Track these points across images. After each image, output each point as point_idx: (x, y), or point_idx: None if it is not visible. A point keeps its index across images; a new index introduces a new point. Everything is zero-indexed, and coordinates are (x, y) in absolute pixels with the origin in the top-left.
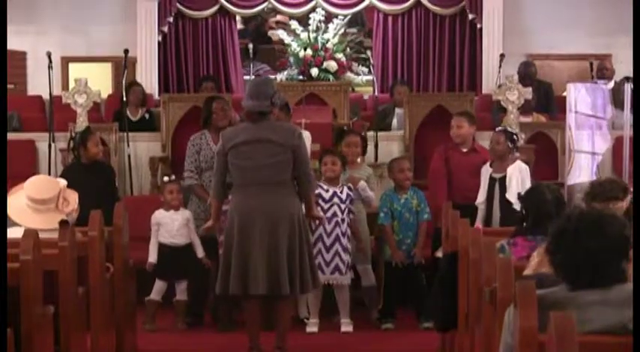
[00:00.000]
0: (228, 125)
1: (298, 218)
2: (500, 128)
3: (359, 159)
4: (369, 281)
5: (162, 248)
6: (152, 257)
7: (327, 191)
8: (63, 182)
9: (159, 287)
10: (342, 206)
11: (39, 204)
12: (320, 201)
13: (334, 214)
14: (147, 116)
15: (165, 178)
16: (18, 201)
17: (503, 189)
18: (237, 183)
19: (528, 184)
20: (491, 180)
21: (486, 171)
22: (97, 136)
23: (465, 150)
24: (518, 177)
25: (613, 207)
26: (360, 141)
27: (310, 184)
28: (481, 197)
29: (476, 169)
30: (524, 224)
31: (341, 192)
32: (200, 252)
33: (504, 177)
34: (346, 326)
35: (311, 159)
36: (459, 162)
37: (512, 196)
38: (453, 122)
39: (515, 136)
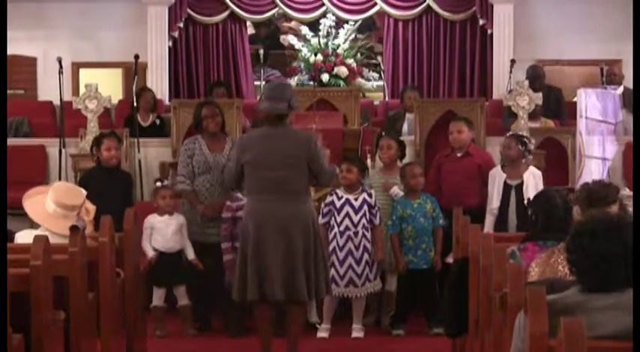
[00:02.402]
0: (219, 130)
1: (312, 223)
2: (511, 132)
3: (399, 163)
4: (391, 287)
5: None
6: (150, 253)
7: (340, 198)
8: (84, 191)
9: (158, 293)
10: (355, 217)
11: (68, 210)
12: (332, 209)
13: (346, 228)
14: (157, 121)
15: (158, 183)
16: (42, 205)
17: (520, 195)
18: (252, 190)
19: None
20: (507, 186)
21: (498, 176)
22: (111, 141)
23: (459, 155)
24: (534, 184)
25: (611, 210)
26: (396, 145)
27: (331, 177)
28: (494, 203)
29: (470, 173)
30: (535, 228)
31: (355, 200)
32: (190, 254)
33: (521, 184)
34: (357, 332)
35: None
36: (453, 167)
37: None
38: (453, 127)
39: (526, 139)
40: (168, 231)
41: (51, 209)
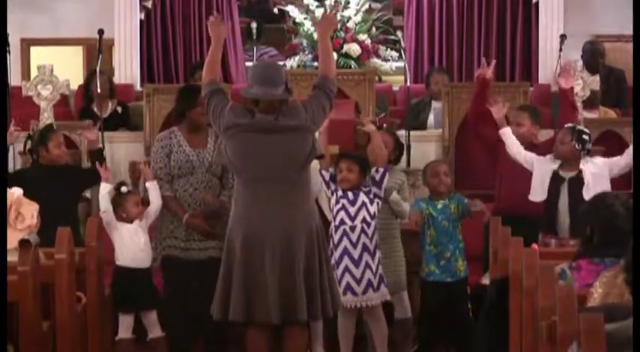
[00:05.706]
0: (209, 124)
1: (317, 231)
2: (570, 125)
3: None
4: (403, 313)
5: (120, 271)
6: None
7: (332, 194)
8: (17, 191)
9: (125, 322)
10: (352, 209)
11: None
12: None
13: (341, 221)
14: (119, 110)
15: (124, 188)
16: None
17: (575, 191)
18: (241, 178)
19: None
20: (558, 179)
21: (547, 163)
22: (60, 135)
23: None
24: (603, 171)
25: None
26: (392, 142)
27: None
28: (537, 197)
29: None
30: (590, 243)
31: (353, 194)
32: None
33: (576, 177)
34: None
35: (330, 165)
36: (512, 163)
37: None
38: (511, 119)
39: (586, 137)
40: (140, 240)
41: None
